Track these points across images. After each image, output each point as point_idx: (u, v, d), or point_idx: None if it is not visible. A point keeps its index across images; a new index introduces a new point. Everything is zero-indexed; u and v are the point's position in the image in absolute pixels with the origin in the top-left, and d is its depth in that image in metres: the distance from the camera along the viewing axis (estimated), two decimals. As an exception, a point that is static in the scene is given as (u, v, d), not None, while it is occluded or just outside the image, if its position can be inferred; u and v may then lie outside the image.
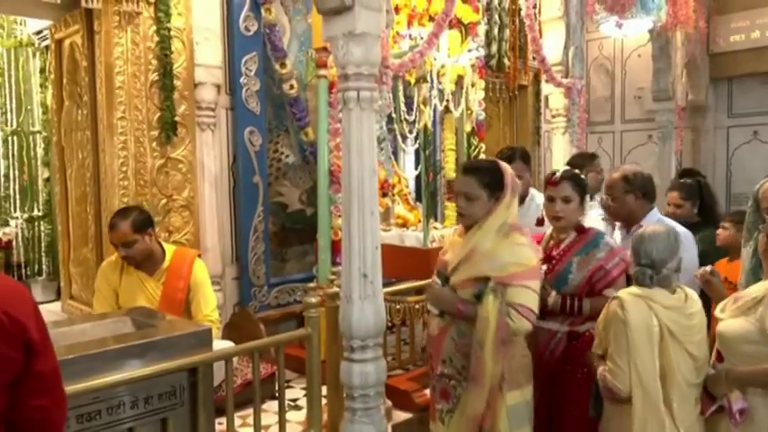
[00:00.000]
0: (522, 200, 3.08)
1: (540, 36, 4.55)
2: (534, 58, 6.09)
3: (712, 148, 6.68)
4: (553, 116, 4.74)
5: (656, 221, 2.58)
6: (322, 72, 3.75)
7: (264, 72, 4.25)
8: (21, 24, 5.39)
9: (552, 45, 4.50)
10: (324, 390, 2.83)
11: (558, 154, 4.64)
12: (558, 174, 2.52)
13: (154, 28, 3.65)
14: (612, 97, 7.09)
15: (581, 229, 2.47)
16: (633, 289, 2.10)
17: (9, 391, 1.18)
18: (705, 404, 2.08)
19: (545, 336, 2.47)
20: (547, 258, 2.47)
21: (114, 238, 2.79)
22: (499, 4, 5.87)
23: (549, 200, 2.54)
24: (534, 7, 4.37)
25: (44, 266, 5.40)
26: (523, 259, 2.17)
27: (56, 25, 4.03)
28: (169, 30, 3.68)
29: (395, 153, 4.58)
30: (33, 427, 1.27)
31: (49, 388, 1.28)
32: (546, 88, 4.83)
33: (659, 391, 1.99)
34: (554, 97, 4.64)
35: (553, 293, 2.40)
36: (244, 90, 4.12)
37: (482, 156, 4.69)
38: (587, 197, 2.48)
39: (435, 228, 4.13)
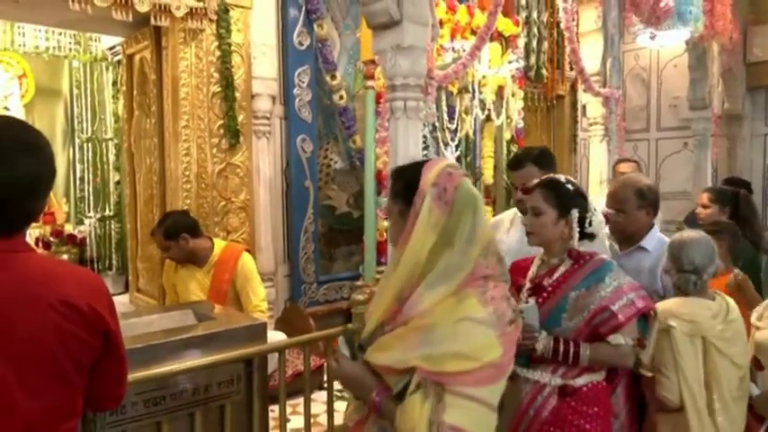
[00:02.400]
0: None
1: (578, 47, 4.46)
2: (571, 69, 5.99)
3: (749, 157, 6.44)
4: (590, 124, 4.63)
5: (657, 240, 2.32)
6: (370, 83, 3.76)
7: (316, 83, 4.28)
8: (96, 41, 5.58)
9: (590, 56, 4.40)
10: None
11: (595, 161, 4.53)
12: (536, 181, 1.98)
13: (215, 44, 3.72)
14: (648, 106, 6.90)
15: (576, 256, 1.84)
16: (675, 299, 2.01)
17: (90, 370, 1.23)
18: (753, 425, 1.97)
19: (530, 389, 1.83)
20: (536, 289, 1.87)
21: (154, 243, 2.95)
22: (538, 18, 5.78)
23: (524, 211, 2.11)
24: (573, 20, 4.28)
25: (114, 262, 5.58)
26: (476, 349, 1.24)
27: (127, 42, 4.14)
28: (229, 45, 3.75)
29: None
30: (102, 402, 1.35)
31: (118, 371, 1.32)
32: (584, 97, 4.72)
33: (704, 401, 1.91)
34: (592, 106, 4.52)
35: (543, 335, 1.78)
36: (297, 100, 4.17)
37: (521, 162, 4.63)
38: (573, 212, 1.83)
39: (475, 231, 4.08)
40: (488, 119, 4.29)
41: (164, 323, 2.33)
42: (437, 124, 4.05)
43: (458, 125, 4.06)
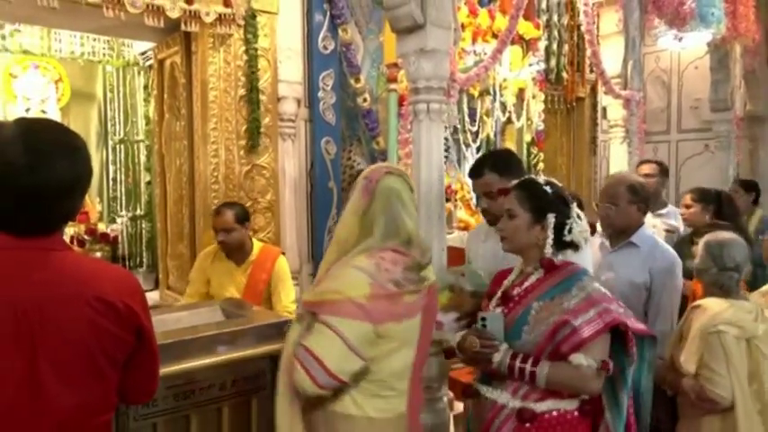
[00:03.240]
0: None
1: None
2: (591, 71, 5.91)
3: (771, 158, 6.28)
4: (611, 126, 4.56)
5: (647, 237, 2.38)
6: (392, 86, 3.76)
7: (340, 87, 4.28)
8: (128, 47, 5.66)
9: (611, 58, 4.33)
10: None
11: (615, 163, 4.47)
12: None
13: (243, 48, 3.74)
14: (669, 108, 6.78)
15: (548, 264, 1.63)
16: (717, 301, 1.99)
17: (123, 366, 1.25)
18: None
19: (489, 409, 1.64)
20: (504, 298, 1.70)
21: (218, 223, 2.87)
22: (558, 21, 5.71)
23: (491, 221, 2.05)
24: (594, 23, 4.23)
25: (144, 259, 5.65)
26: (345, 285, 1.40)
27: (158, 47, 4.19)
28: (256, 50, 3.77)
29: (458, 161, 4.53)
30: (135, 396, 1.37)
31: (151, 366, 1.34)
32: (604, 100, 4.66)
33: (751, 401, 1.89)
34: (612, 108, 4.46)
35: (503, 347, 1.58)
36: (321, 103, 4.17)
37: (541, 165, 4.58)
38: (549, 217, 1.63)
39: (495, 231, 4.05)
40: (509, 121, 4.26)
41: (193, 320, 2.35)
42: (458, 126, 4.03)
43: (479, 127, 4.04)
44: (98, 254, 5.24)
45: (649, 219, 3.68)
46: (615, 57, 4.37)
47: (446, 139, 3.58)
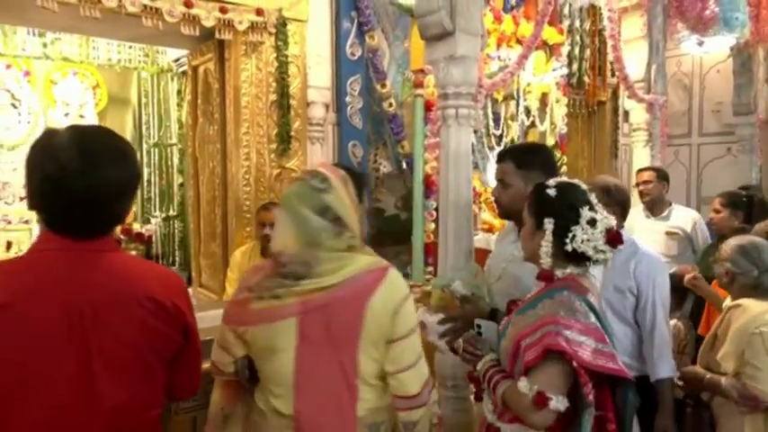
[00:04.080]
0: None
1: (622, 55, 4.36)
2: (613, 75, 5.84)
3: (794, 162, 6.13)
4: (634, 130, 4.51)
5: (626, 242, 2.16)
6: (419, 91, 3.76)
7: (366, 92, 4.30)
8: (162, 54, 5.75)
9: (634, 63, 4.29)
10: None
11: (638, 167, 4.42)
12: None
13: (274, 55, 3.78)
14: (690, 111, 6.68)
15: (545, 278, 1.47)
16: (755, 302, 1.98)
17: (171, 363, 1.27)
18: None
19: (482, 418, 1.56)
20: (509, 308, 1.59)
21: (267, 217, 2.95)
22: (580, 26, 5.66)
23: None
24: (617, 28, 4.19)
25: (177, 258, 5.74)
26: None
27: (192, 54, 4.25)
28: (287, 56, 3.80)
29: (482, 164, 4.52)
30: (180, 391, 1.39)
31: (195, 363, 1.36)
32: (627, 104, 4.61)
33: None
34: (635, 112, 4.41)
35: (487, 357, 1.50)
36: (348, 108, 4.20)
37: (564, 168, 4.55)
38: (546, 223, 1.45)
39: (519, 233, 4.03)
40: (533, 125, 4.24)
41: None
42: (483, 130, 4.02)
43: (503, 131, 4.02)
44: (133, 252, 5.33)
45: (649, 223, 3.65)
46: (639, 61, 4.33)
47: (471, 143, 3.58)
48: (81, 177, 1.10)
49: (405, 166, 4.52)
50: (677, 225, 3.62)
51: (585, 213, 1.43)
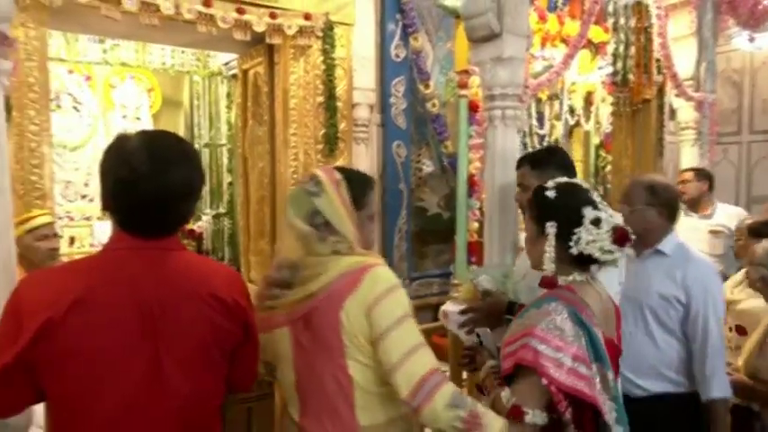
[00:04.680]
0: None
1: (670, 52, 4.22)
2: (659, 73, 5.66)
3: None
4: (682, 129, 4.37)
5: (675, 245, 2.03)
6: (463, 92, 3.73)
7: (410, 93, 4.30)
8: (213, 58, 5.88)
9: (683, 61, 4.15)
10: (464, 374, 2.81)
11: (686, 166, 4.28)
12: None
13: (321, 58, 3.82)
14: (740, 109, 6.42)
15: (547, 285, 1.37)
16: None
17: (231, 357, 1.29)
18: None
19: None
20: None
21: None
22: (626, 23, 5.50)
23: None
24: (665, 25, 4.05)
25: (226, 254, 5.85)
26: None
27: (243, 58, 4.33)
28: (333, 59, 3.84)
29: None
30: (239, 384, 1.40)
31: (254, 357, 1.38)
32: (675, 102, 4.46)
33: None
34: (684, 111, 4.27)
35: (488, 363, 1.48)
36: (393, 109, 4.21)
37: (608, 167, 4.44)
38: (548, 227, 1.36)
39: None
40: (577, 124, 4.15)
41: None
42: (526, 130, 3.96)
43: (547, 131, 3.96)
44: (185, 249, 5.49)
45: (692, 221, 3.56)
46: (687, 59, 4.19)
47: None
48: (151, 180, 1.14)
49: (447, 165, 4.50)
50: (721, 223, 3.54)
51: (589, 213, 1.32)
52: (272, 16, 3.54)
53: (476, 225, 3.69)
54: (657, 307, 1.98)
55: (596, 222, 1.32)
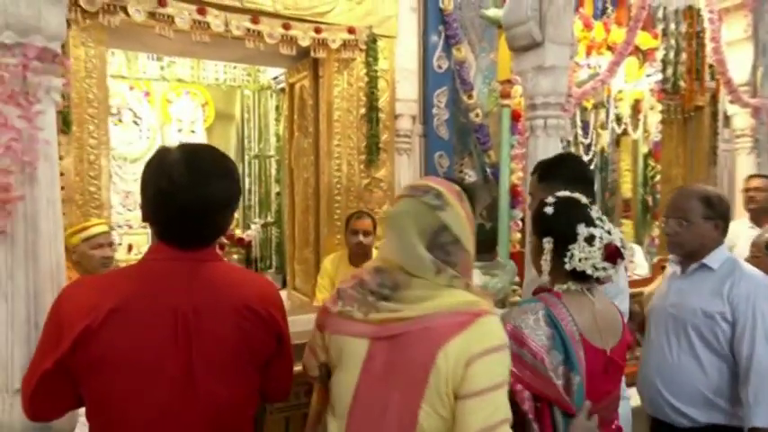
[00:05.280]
0: None
1: (724, 58, 4.00)
2: (712, 79, 5.39)
3: None
4: (737, 136, 4.13)
5: (725, 259, 1.86)
6: (505, 102, 3.66)
7: (453, 103, 4.24)
8: (262, 72, 6.01)
9: (737, 66, 3.93)
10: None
11: (742, 174, 4.03)
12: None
13: (364, 71, 3.82)
14: (801, 115, 6.01)
15: (538, 292, 1.44)
16: None
17: (264, 368, 1.28)
18: None
19: None
20: None
21: (361, 225, 3.01)
22: (676, 29, 5.27)
23: None
24: (718, 30, 3.85)
25: (273, 262, 5.94)
26: None
27: (289, 72, 4.39)
28: (376, 72, 3.84)
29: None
30: (273, 395, 1.39)
31: (287, 369, 1.37)
32: (729, 108, 4.22)
33: None
34: (739, 117, 4.04)
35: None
36: (435, 119, 4.16)
37: (658, 177, 4.25)
38: (545, 242, 1.40)
39: (609, 244, 3.80)
40: (624, 133, 3.99)
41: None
42: (570, 139, 3.83)
43: (592, 140, 3.81)
44: (234, 256, 5.60)
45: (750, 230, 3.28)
46: (742, 64, 3.96)
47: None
48: (189, 192, 1.15)
49: (490, 175, 4.41)
50: None
51: (583, 230, 1.35)
52: (317, 31, 3.57)
53: (518, 236, 3.59)
54: (702, 326, 1.80)
55: (590, 240, 1.34)
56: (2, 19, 1.33)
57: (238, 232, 5.83)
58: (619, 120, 3.83)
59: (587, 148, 3.87)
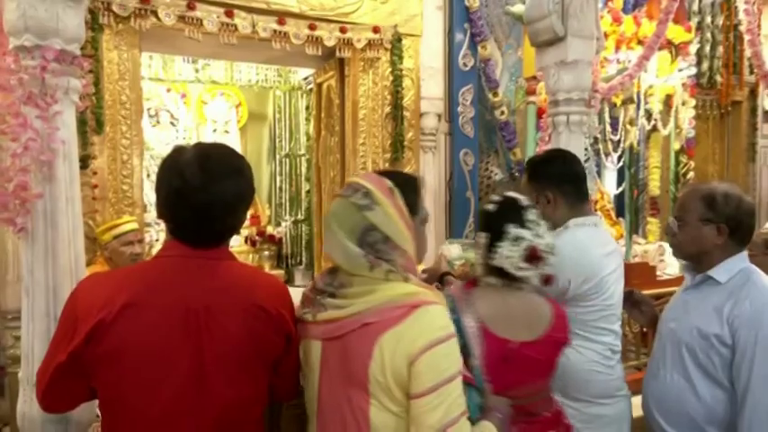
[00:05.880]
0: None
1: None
2: (751, 73, 5.14)
3: None
4: (776, 132, 3.91)
5: (737, 272, 1.54)
6: (531, 98, 3.56)
7: (478, 101, 4.16)
8: (293, 73, 6.03)
9: (776, 59, 3.72)
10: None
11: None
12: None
13: (389, 69, 3.79)
14: None
15: (468, 283, 1.52)
16: None
17: (273, 367, 1.26)
18: None
19: None
20: None
21: None
22: (712, 22, 5.04)
23: None
24: (755, 22, 3.65)
25: (303, 258, 5.96)
26: None
27: (317, 72, 4.39)
28: (401, 70, 3.79)
29: (598, 171, 4.17)
30: (283, 394, 1.36)
31: (296, 368, 1.34)
32: (767, 102, 4.00)
33: None
34: (777, 112, 3.82)
35: None
36: (460, 117, 4.09)
37: (690, 174, 4.07)
38: (478, 237, 1.47)
39: (638, 243, 3.66)
40: (654, 129, 3.83)
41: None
42: (599, 136, 3.70)
43: (621, 136, 3.67)
44: (266, 253, 5.64)
45: None
46: (781, 56, 3.74)
47: (585, 149, 3.30)
48: (201, 191, 1.14)
49: (516, 173, 4.31)
50: None
51: (512, 231, 1.39)
52: (343, 30, 3.55)
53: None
54: (697, 347, 1.54)
55: (516, 240, 1.38)
56: (21, 22, 1.35)
57: (270, 229, 5.88)
58: (649, 116, 3.67)
59: (616, 144, 3.73)
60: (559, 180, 1.71)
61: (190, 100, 5.98)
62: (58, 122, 1.41)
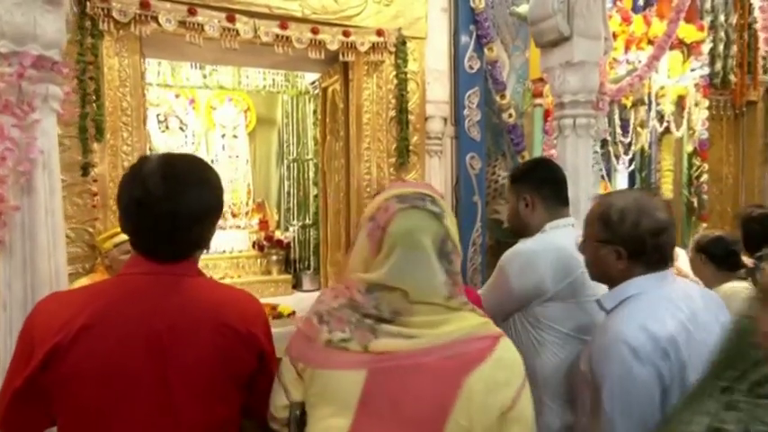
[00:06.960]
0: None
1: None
2: (765, 73, 4.98)
3: None
4: (793, 133, 3.76)
5: (625, 299, 1.28)
6: (538, 101, 3.46)
7: (485, 104, 4.06)
8: (301, 77, 5.97)
9: (793, 57, 3.57)
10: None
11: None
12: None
13: (393, 73, 3.70)
14: None
15: None
16: None
17: (246, 386, 1.20)
18: None
19: None
20: None
21: None
22: (726, 21, 4.89)
23: None
24: (771, 19, 3.50)
25: (311, 263, 5.89)
26: None
27: (322, 76, 4.33)
28: (406, 74, 3.71)
29: (608, 174, 4.04)
30: (258, 413, 1.25)
31: (269, 388, 1.27)
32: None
33: None
34: (794, 113, 3.67)
35: None
36: (466, 121, 3.99)
37: (704, 176, 3.93)
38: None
39: (650, 248, 3.53)
40: (667, 131, 3.69)
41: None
42: (609, 138, 3.58)
43: (632, 139, 3.55)
44: (274, 257, 5.58)
45: None
46: (798, 55, 3.59)
47: (595, 152, 3.18)
48: (165, 201, 1.08)
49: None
50: None
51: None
52: (346, 34, 3.47)
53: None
54: (576, 386, 1.39)
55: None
56: (-3, 28, 1.29)
57: (278, 234, 5.81)
58: (661, 117, 3.55)
59: (627, 147, 3.61)
60: (539, 184, 1.71)
61: (199, 105, 5.94)
62: (37, 131, 1.35)
